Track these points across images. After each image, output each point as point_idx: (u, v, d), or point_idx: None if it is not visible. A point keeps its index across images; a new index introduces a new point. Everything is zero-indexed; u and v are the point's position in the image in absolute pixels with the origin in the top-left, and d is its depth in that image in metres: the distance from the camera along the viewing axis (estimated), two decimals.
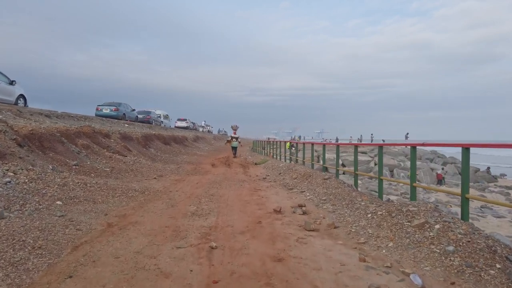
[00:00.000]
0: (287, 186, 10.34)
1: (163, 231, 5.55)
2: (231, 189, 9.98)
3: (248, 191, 9.69)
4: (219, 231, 5.58)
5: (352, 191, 8.10)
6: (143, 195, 8.53)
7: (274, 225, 6.03)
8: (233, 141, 23.57)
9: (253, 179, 12.61)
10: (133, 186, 9.46)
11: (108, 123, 20.15)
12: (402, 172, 29.65)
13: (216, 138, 49.37)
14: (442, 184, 28.66)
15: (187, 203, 7.69)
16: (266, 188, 10.31)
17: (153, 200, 7.97)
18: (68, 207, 6.65)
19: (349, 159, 31.12)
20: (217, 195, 8.75)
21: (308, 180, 10.25)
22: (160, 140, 23.07)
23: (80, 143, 13.02)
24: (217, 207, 7.43)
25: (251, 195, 8.96)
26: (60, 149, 11.44)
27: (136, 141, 18.65)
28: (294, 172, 12.08)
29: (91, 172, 10.75)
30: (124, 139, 16.90)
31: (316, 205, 7.65)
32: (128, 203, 7.57)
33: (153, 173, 12.89)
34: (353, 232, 5.58)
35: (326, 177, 9.64)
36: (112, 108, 25.45)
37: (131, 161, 13.89)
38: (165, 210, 7.05)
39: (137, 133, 19.85)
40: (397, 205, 5.90)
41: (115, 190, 8.40)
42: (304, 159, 14.87)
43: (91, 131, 14.69)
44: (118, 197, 7.97)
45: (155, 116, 33.67)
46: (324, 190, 8.72)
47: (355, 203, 7.11)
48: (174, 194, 8.87)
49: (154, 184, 10.39)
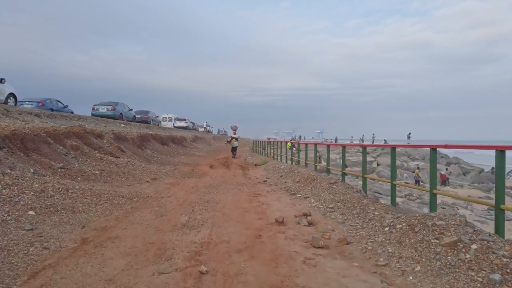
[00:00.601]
0: (289, 191, 9.47)
1: (146, 249, 4.68)
2: (229, 194, 9.11)
3: (247, 196, 8.82)
4: (212, 249, 4.71)
5: (363, 197, 7.22)
6: (131, 202, 7.65)
7: (276, 240, 5.16)
8: (233, 141, 23.48)
9: (252, 182, 11.74)
10: (122, 191, 8.59)
11: (103, 123, 19.28)
12: (405, 173, 28.77)
13: (215, 138, 48.48)
14: (446, 185, 27.79)
15: (178, 212, 6.81)
16: (267, 193, 9.44)
17: (141, 208, 7.09)
18: (41, 218, 5.78)
19: (351, 159, 30.24)
20: (213, 202, 7.88)
21: (312, 184, 9.38)
22: (157, 141, 22.20)
23: (68, 144, 12.15)
24: (212, 216, 6.55)
25: (250, 202, 8.08)
26: (46, 150, 10.57)
27: (131, 141, 17.78)
28: (297, 175, 11.20)
29: (78, 175, 9.88)
30: (117, 140, 16.03)
31: (323, 214, 6.77)
32: (112, 212, 6.69)
33: (146, 175, 12.01)
34: (369, 250, 4.70)
35: (332, 182, 8.76)
36: (108, 108, 24.57)
37: (124, 163, 13.02)
38: (153, 220, 6.18)
39: (133, 133, 18.98)
40: (420, 217, 5.02)
41: (99, 197, 7.52)
42: (307, 160, 13.99)
43: (82, 131, 13.82)
44: (102, 204, 7.09)
45: (153, 116, 32.79)
46: (331, 196, 7.84)
47: (367, 213, 6.23)
48: (166, 200, 7.99)
49: (145, 189, 9.51)
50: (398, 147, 7.68)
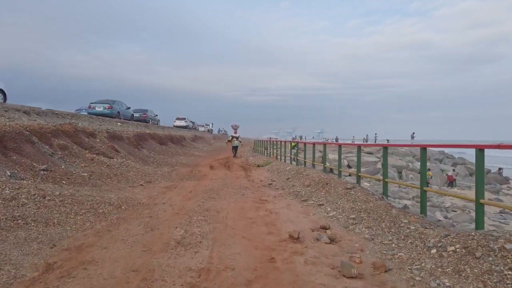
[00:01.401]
0: (299, 196, 8.33)
1: (126, 280, 3.54)
2: (231, 199, 7.97)
3: (253, 202, 7.68)
4: (213, 280, 3.57)
5: (390, 207, 6.08)
6: (118, 211, 6.51)
7: (294, 265, 4.03)
8: (234, 140, 22.99)
9: (257, 185, 10.60)
10: (110, 197, 7.45)
11: (98, 122, 18.14)
12: (411, 174, 27.64)
13: (216, 138, 47.32)
14: (453, 187, 26.69)
15: (173, 224, 5.68)
16: (274, 198, 8.30)
17: (129, 219, 5.95)
18: (3, 233, 4.65)
19: (355, 160, 29.11)
20: (213, 210, 6.74)
21: (325, 189, 8.24)
22: (155, 140, 21.06)
23: (56, 144, 11.01)
24: (212, 230, 5.42)
25: (256, 210, 6.95)
26: (29, 150, 9.43)
27: (127, 141, 16.63)
28: (306, 177, 10.06)
29: (63, 178, 8.74)
30: (112, 139, 14.89)
31: (345, 227, 5.64)
32: (93, 225, 5.55)
33: (140, 178, 10.87)
34: (418, 282, 3.57)
35: (349, 187, 7.63)
36: (105, 106, 23.44)
37: (117, 164, 11.87)
38: (141, 236, 5.04)
39: (129, 132, 17.83)
40: (478, 238, 3.89)
41: (82, 205, 6.38)
42: (314, 161, 12.87)
43: (72, 130, 12.68)
44: (83, 215, 5.95)
45: (152, 115, 31.64)
46: (350, 204, 6.70)
47: (400, 227, 5.10)
48: (159, 208, 6.85)
49: (137, 194, 8.37)
50: (429, 147, 6.52)
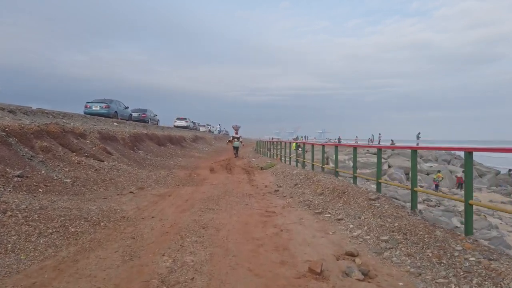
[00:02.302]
0: (312, 207, 7.09)
1: None
2: (233, 211, 6.73)
3: (258, 215, 6.44)
4: None
5: (432, 226, 4.81)
6: (94, 229, 5.27)
7: None
8: (235, 141, 22.61)
9: (261, 192, 9.36)
10: (90, 209, 6.22)
11: (92, 122, 16.92)
12: (419, 176, 26.35)
13: (216, 138, 46.05)
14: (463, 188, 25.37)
15: (159, 249, 4.44)
16: (283, 209, 7.06)
17: (106, 242, 4.71)
18: None
19: (360, 160, 27.82)
20: (211, 227, 5.50)
21: (342, 198, 6.98)
22: (153, 141, 19.83)
23: (38, 146, 9.78)
24: (209, 258, 4.18)
25: (263, 226, 5.70)
26: (3, 153, 8.20)
27: (122, 142, 15.40)
28: (317, 184, 8.80)
29: (41, 185, 7.52)
30: (104, 140, 13.66)
31: (378, 253, 4.39)
32: (58, 251, 4.32)
33: (132, 184, 9.64)
34: None
35: (372, 197, 6.37)
36: (102, 106, 22.20)
37: (107, 168, 10.64)
38: (115, 270, 3.80)
39: (124, 132, 16.60)
40: None
41: (50, 222, 5.15)
42: (323, 164, 11.62)
43: (59, 131, 11.45)
44: (48, 236, 4.72)
45: (151, 115, 30.41)
46: (377, 219, 5.45)
47: (454, 256, 3.86)
48: (146, 225, 5.60)
49: (124, 204, 7.14)
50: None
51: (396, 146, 17.25)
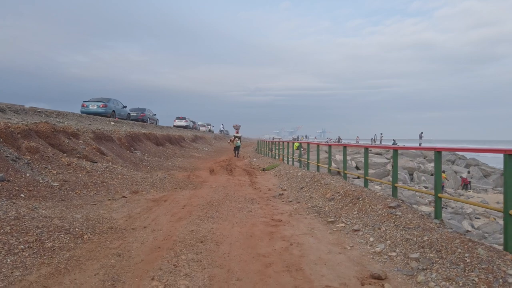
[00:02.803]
0: (322, 215, 6.35)
1: None
2: (235, 219, 5.99)
3: (264, 225, 5.69)
4: None
5: (471, 242, 4.06)
6: (75, 243, 4.52)
7: None
8: (236, 140, 22.39)
9: (265, 195, 8.62)
10: (74, 218, 5.48)
11: (88, 121, 16.19)
12: (423, 176, 25.60)
13: (217, 138, 45.29)
14: (468, 189, 24.68)
15: (148, 271, 3.69)
16: (290, 217, 6.31)
17: (86, 261, 3.96)
18: None
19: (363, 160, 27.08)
20: (210, 241, 4.76)
21: (357, 205, 6.23)
22: (151, 141, 19.08)
23: (25, 146, 9.03)
24: (208, 283, 3.43)
25: (270, 238, 4.96)
26: None
27: (118, 142, 14.65)
28: (326, 187, 8.06)
29: (23, 190, 6.77)
30: (98, 140, 12.90)
31: (409, 276, 3.64)
32: (25, 274, 3.56)
33: (125, 187, 8.89)
34: None
35: (392, 205, 5.62)
36: (99, 105, 21.49)
37: (100, 170, 9.89)
38: None
39: (120, 132, 15.84)
40: None
41: (24, 235, 4.40)
42: (330, 166, 10.87)
43: (49, 130, 10.70)
44: (19, 253, 3.97)
45: (150, 114, 29.66)
46: (400, 231, 4.70)
47: (507, 283, 3.12)
48: (136, 238, 4.86)
49: (115, 211, 6.39)
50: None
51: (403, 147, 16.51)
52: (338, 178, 8.92)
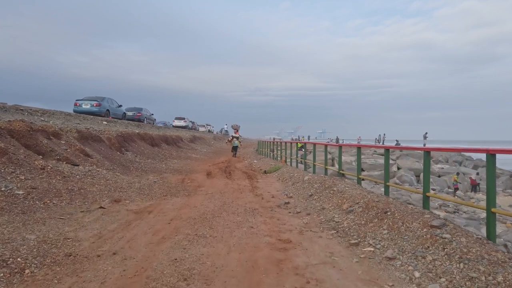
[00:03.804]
0: (340, 232, 5.03)
1: None
2: (233, 241, 4.68)
3: (269, 249, 4.37)
4: None
5: None
6: (9, 282, 3.21)
7: None
8: (234, 140, 22.00)
9: (268, 205, 7.31)
10: (26, 239, 4.18)
11: (77, 120, 14.90)
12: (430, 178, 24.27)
13: (216, 138, 43.95)
14: (477, 191, 23.38)
15: None
16: (301, 235, 5.00)
17: None
18: None
19: (368, 162, 25.78)
20: (198, 277, 3.44)
21: (385, 222, 4.91)
22: (146, 141, 17.77)
23: None
24: None
25: (279, 273, 3.64)
26: None
27: (108, 142, 13.33)
28: (341, 196, 6.73)
29: None
30: (84, 140, 11.59)
31: None
32: None
33: (106, 194, 7.58)
34: None
35: (435, 223, 4.30)
36: (93, 104, 20.20)
37: (80, 174, 8.57)
38: None
39: (111, 132, 14.53)
40: None
41: None
42: (341, 169, 9.57)
43: (25, 129, 9.39)
44: None
45: (147, 114, 28.37)
46: (458, 265, 3.39)
47: None
48: (97, 272, 3.53)
49: (83, 228, 5.08)
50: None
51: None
52: (353, 185, 7.61)
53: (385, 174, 7.15)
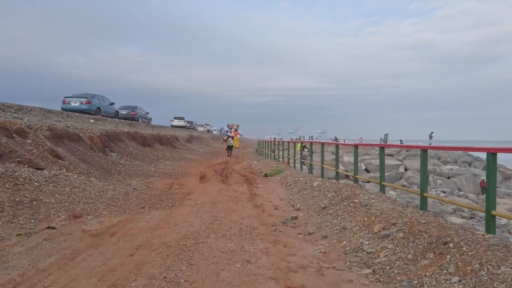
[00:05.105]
0: (380, 274, 3.35)
1: None
2: None
3: None
4: None
5: None
6: None
7: None
8: (229, 140, 22.00)
9: (270, 220, 5.62)
10: None
11: (58, 117, 13.22)
12: (439, 179, 22.58)
13: (214, 138, 42.24)
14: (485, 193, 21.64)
15: None
16: (318, 275, 3.32)
17: None
18: None
19: (373, 163, 24.12)
20: None
21: (449, 260, 3.23)
22: (136, 141, 16.07)
23: None
24: None
25: None
26: None
27: (89, 142, 11.64)
28: (366, 212, 5.03)
29: None
30: (57, 139, 9.89)
31: None
32: None
33: (66, 207, 5.89)
34: None
35: None
36: (82, 101, 18.56)
37: (41, 180, 6.86)
38: None
39: (94, 130, 12.84)
40: None
41: None
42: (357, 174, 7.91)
43: None
44: None
45: (142, 113, 26.68)
46: None
47: None
48: None
49: (7, 263, 3.41)
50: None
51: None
52: (379, 195, 5.91)
53: (422, 182, 5.47)
